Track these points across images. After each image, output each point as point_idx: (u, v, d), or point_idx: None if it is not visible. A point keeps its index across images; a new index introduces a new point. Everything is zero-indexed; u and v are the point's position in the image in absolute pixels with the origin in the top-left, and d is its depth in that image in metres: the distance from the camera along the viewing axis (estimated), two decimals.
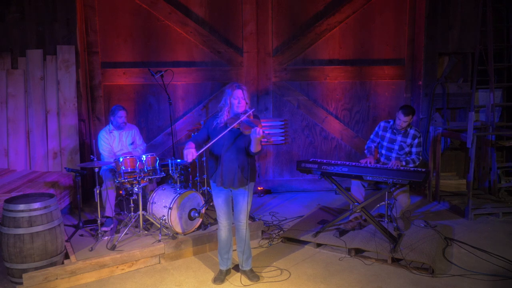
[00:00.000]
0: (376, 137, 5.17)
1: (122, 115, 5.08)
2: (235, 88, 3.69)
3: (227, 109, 3.73)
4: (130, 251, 4.20)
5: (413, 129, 4.98)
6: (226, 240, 3.92)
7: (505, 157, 6.71)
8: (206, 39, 6.43)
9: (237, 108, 3.70)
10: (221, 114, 3.75)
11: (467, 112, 6.22)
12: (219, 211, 3.87)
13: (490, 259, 4.33)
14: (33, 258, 3.80)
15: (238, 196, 3.81)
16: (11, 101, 5.89)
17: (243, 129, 3.55)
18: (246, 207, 3.80)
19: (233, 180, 3.71)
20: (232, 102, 3.70)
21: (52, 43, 5.95)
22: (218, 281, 3.93)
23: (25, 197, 4.06)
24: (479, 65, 6.39)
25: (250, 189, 3.81)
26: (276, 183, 6.82)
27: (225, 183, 3.72)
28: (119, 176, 4.57)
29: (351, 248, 4.45)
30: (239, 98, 3.68)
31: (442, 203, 6.05)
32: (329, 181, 4.74)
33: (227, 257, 3.98)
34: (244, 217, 3.84)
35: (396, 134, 4.99)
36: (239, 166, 3.70)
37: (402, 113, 4.84)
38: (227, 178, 3.71)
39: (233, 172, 3.70)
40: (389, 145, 5.03)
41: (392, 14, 6.70)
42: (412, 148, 4.96)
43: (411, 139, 4.95)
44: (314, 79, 6.71)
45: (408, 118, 4.85)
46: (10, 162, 5.84)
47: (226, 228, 3.90)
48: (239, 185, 3.72)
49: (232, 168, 3.70)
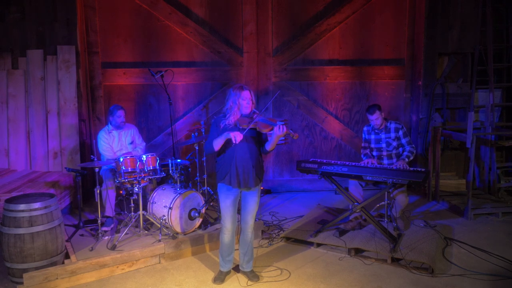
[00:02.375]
0: (365, 143, 5.27)
1: (121, 115, 5.08)
2: (242, 89, 3.69)
3: (236, 110, 3.71)
4: (130, 251, 4.21)
5: (393, 123, 5.09)
6: (229, 244, 3.90)
7: (504, 157, 6.72)
8: (206, 39, 6.44)
9: (245, 109, 3.70)
10: (229, 115, 3.72)
11: (467, 112, 6.23)
12: (226, 215, 3.81)
13: (489, 259, 4.33)
14: (33, 258, 3.80)
15: (248, 197, 3.80)
16: (11, 101, 5.90)
17: (261, 128, 3.57)
18: (255, 208, 3.82)
19: (248, 180, 3.71)
20: (241, 103, 3.69)
21: (53, 43, 5.96)
22: (218, 281, 3.93)
23: (26, 197, 4.07)
24: (479, 65, 6.40)
25: (259, 189, 3.85)
26: (276, 183, 6.83)
27: (242, 183, 3.71)
28: (119, 176, 4.58)
29: (351, 248, 4.45)
30: (248, 99, 3.69)
31: (441, 203, 6.05)
32: (329, 181, 4.75)
33: (229, 259, 3.98)
34: (252, 219, 3.84)
35: (379, 134, 5.10)
36: (254, 166, 3.71)
37: (368, 114, 5.02)
38: (243, 178, 3.70)
39: (248, 172, 3.70)
40: (377, 145, 5.11)
41: (392, 14, 6.70)
42: (401, 140, 5.05)
43: (395, 132, 5.04)
44: (314, 79, 6.72)
45: (376, 115, 4.96)
46: (10, 162, 5.85)
47: (231, 232, 3.87)
48: (254, 184, 3.74)
49: (248, 168, 3.70)
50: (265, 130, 3.58)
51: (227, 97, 3.76)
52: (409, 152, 4.95)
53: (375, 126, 5.07)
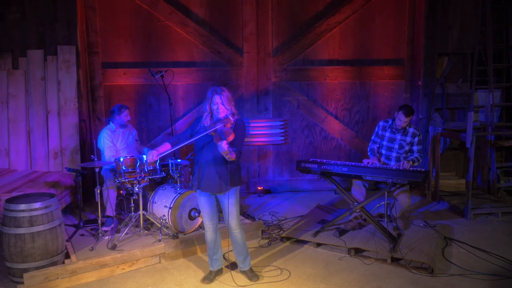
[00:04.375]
0: (376, 138, 5.17)
1: (127, 114, 5.13)
2: (213, 93, 3.62)
3: (207, 114, 3.69)
4: (131, 251, 4.21)
5: (412, 127, 5.01)
6: (212, 241, 3.91)
7: (504, 157, 6.72)
8: (206, 40, 6.45)
9: (217, 114, 3.64)
10: (203, 119, 3.72)
11: (467, 112, 6.23)
12: (203, 212, 3.88)
13: (489, 259, 4.34)
14: (33, 257, 3.81)
15: (221, 200, 3.79)
16: (12, 101, 5.91)
17: (215, 138, 3.45)
18: (233, 210, 3.76)
19: (210, 185, 3.68)
20: (212, 108, 3.65)
21: (53, 44, 5.97)
22: (206, 280, 3.93)
23: (26, 197, 4.07)
24: (479, 66, 6.40)
25: (235, 193, 3.75)
26: (276, 183, 6.83)
27: (202, 187, 3.71)
28: (119, 176, 4.58)
29: (350, 248, 4.46)
30: (218, 103, 3.61)
31: (441, 203, 6.06)
32: (329, 181, 4.75)
33: (216, 258, 3.98)
34: (233, 221, 3.79)
35: (395, 133, 5.01)
36: (217, 172, 3.64)
37: (403, 114, 4.84)
38: (204, 183, 3.69)
39: (211, 178, 3.66)
40: (389, 144, 5.04)
41: (391, 14, 6.71)
42: (413, 147, 4.98)
43: (411, 137, 4.97)
44: (314, 79, 6.72)
45: (409, 119, 4.88)
46: (11, 162, 5.86)
47: (211, 229, 3.88)
48: (218, 190, 3.69)
49: (210, 174, 3.66)
50: (217, 142, 3.40)
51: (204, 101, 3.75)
52: (415, 158, 4.86)
53: (397, 127, 4.95)
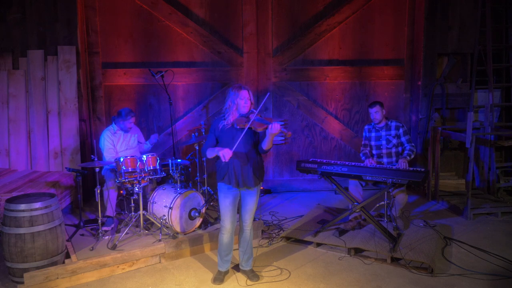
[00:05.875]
0: (366, 141, 5.30)
1: (132, 121, 5.10)
2: (241, 88, 3.71)
3: (234, 109, 3.73)
4: (131, 251, 4.22)
5: (394, 121, 5.16)
6: (228, 244, 3.91)
7: (504, 157, 6.73)
8: (206, 40, 6.45)
9: (243, 109, 3.72)
10: (227, 115, 3.74)
11: (466, 112, 6.24)
12: (225, 215, 3.82)
13: (489, 259, 4.34)
14: (34, 257, 3.81)
15: (247, 197, 3.82)
16: (12, 101, 5.91)
17: (256, 127, 3.58)
18: (254, 207, 3.84)
19: (247, 180, 3.72)
20: (239, 103, 3.71)
21: (53, 44, 5.98)
22: (217, 281, 3.94)
23: (26, 197, 4.08)
24: (478, 66, 6.41)
25: (259, 189, 3.86)
26: (276, 183, 6.84)
27: (240, 183, 3.73)
28: (119, 176, 4.59)
29: (350, 248, 4.46)
30: (245, 98, 3.70)
31: (441, 202, 6.07)
32: (329, 181, 4.76)
33: (227, 259, 3.98)
34: (250, 218, 3.86)
35: (379, 131, 5.16)
36: (251, 165, 3.73)
37: (369, 107, 5.15)
38: (241, 178, 3.71)
39: (247, 172, 3.72)
40: (377, 143, 5.16)
41: (391, 14, 6.72)
42: (401, 139, 5.10)
43: (395, 130, 5.10)
44: (314, 79, 6.73)
45: (376, 108, 5.06)
46: (11, 162, 5.86)
47: (230, 232, 3.87)
48: (254, 184, 3.75)
49: (245, 168, 3.72)
50: (260, 129, 3.59)
51: (227, 97, 3.78)
52: (409, 151, 5.00)
53: (375, 121, 5.11)
